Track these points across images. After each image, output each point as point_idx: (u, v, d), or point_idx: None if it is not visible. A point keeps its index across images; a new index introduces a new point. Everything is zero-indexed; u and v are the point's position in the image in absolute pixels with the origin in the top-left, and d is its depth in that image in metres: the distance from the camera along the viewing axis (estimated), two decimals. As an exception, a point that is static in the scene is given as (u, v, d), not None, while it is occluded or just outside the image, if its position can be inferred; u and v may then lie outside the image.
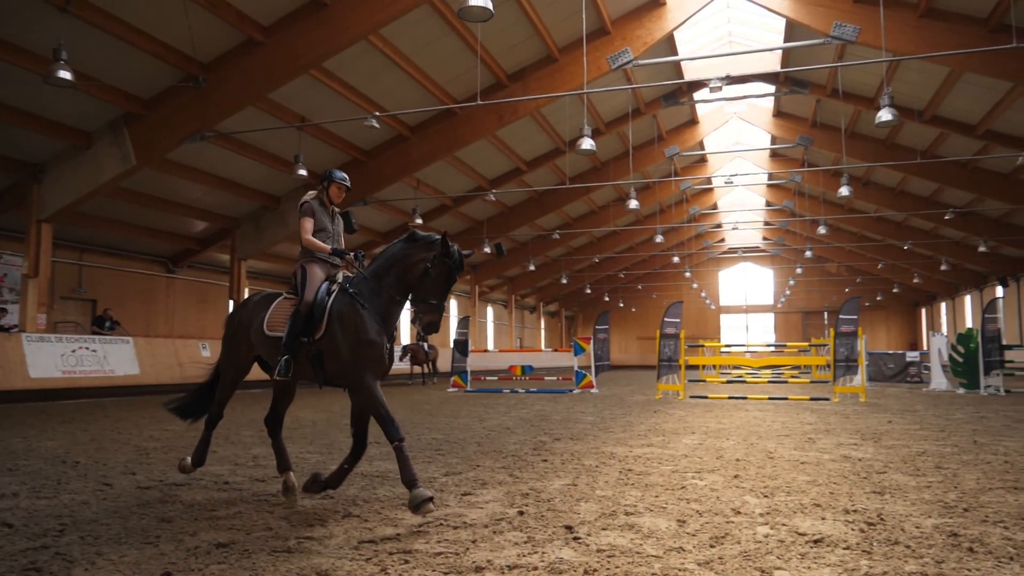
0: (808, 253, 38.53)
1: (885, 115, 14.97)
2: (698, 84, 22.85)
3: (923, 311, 54.34)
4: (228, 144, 18.50)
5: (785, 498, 5.06)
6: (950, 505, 4.79)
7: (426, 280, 4.72)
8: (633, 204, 25.13)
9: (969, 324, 40.45)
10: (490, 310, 46.58)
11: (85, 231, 21.49)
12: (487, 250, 30.09)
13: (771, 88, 23.88)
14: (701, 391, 18.34)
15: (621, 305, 55.91)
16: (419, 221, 24.70)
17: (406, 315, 5.02)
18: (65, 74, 12.13)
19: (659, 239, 32.88)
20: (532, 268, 37.23)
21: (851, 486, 5.49)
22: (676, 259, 41.83)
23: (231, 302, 23.21)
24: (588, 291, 52.89)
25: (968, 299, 43.90)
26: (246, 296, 6.13)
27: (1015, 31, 13.68)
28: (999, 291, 37.12)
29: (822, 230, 32.26)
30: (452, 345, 21.17)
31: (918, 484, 5.55)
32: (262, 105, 17.00)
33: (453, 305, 42.83)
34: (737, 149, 31.38)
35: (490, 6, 11.29)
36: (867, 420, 10.89)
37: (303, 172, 18.08)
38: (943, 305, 49.39)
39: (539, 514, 4.62)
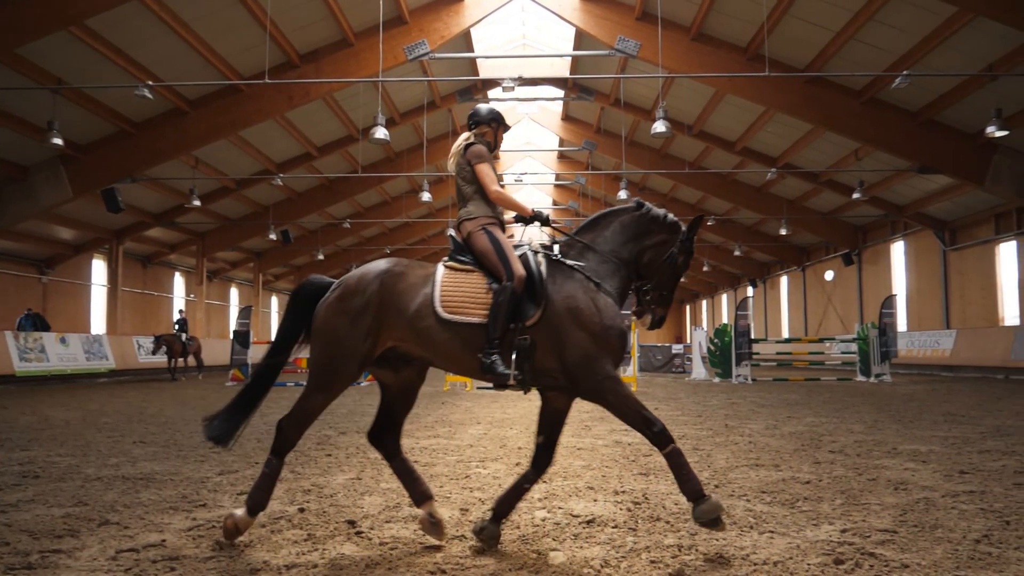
0: (589, 251, 40.87)
1: (660, 127, 16.29)
2: (492, 83, 23.36)
3: (688, 307, 59.92)
4: (-37, 103, 16.02)
5: (562, 483, 5.32)
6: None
7: (666, 267, 3.94)
8: (426, 196, 25.24)
9: (725, 320, 45.20)
10: (275, 300, 44.56)
11: None
12: (272, 237, 28.75)
13: (560, 93, 25.04)
14: (488, 382, 18.80)
15: (412, 297, 55.92)
16: (197, 203, 22.85)
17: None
18: None
19: (451, 232, 33.24)
20: (321, 257, 36.07)
21: (621, 469, 5.89)
22: (467, 253, 42.53)
23: None
24: (380, 282, 52.28)
25: (725, 297, 49.04)
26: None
27: (768, 61, 15.55)
28: (750, 291, 41.89)
29: (602, 230, 34.37)
30: (232, 336, 19.90)
31: (678, 465, 6.07)
32: (7, 60, 14.87)
33: (234, 294, 40.47)
34: (527, 149, 32.59)
35: (282, -20, 10.77)
36: (636, 407, 11.75)
37: (58, 141, 16.00)
38: (704, 303, 54.76)
39: (321, 510, 4.49)
